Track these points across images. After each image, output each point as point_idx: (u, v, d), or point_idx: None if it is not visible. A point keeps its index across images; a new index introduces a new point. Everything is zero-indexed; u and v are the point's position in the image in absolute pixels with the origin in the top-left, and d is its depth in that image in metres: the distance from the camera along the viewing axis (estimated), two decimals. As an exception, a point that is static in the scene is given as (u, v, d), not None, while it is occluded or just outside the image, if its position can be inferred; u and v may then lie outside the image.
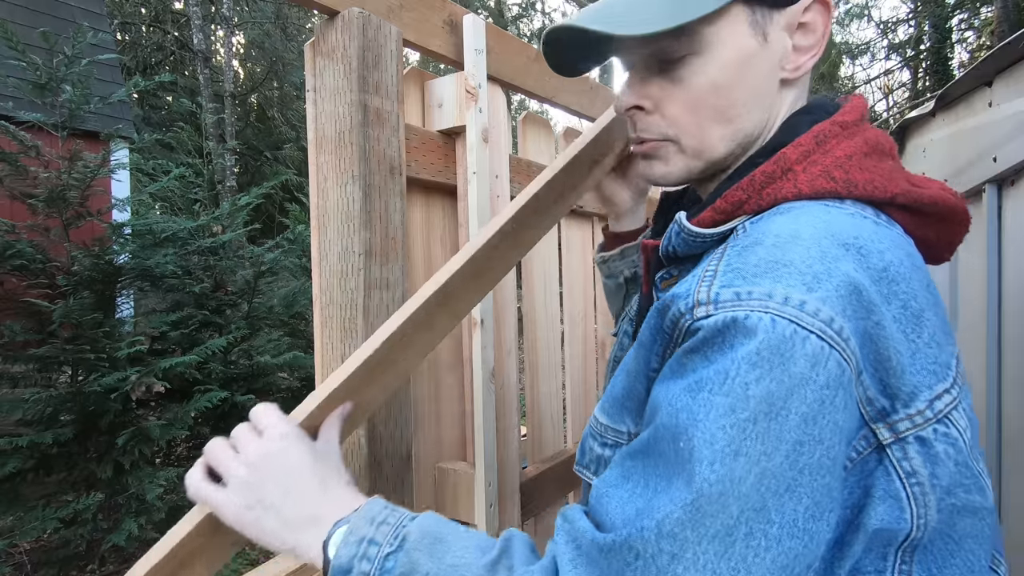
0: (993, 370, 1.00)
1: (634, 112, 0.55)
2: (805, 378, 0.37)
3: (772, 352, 0.37)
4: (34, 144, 2.81)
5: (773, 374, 0.36)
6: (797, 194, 0.46)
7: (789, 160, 0.47)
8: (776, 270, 0.39)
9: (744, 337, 0.37)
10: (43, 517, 2.48)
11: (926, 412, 0.41)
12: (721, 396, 0.37)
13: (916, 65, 13.71)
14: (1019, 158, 0.88)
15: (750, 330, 0.37)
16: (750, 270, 0.40)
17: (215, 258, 3.70)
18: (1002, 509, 0.97)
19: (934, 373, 0.42)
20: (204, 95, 8.70)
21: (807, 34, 0.51)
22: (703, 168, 0.53)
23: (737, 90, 0.50)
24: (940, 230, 0.51)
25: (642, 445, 0.42)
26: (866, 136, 0.49)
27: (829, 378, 0.37)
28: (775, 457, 0.36)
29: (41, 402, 2.56)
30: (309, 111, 0.82)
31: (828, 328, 0.37)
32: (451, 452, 1.01)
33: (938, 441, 0.41)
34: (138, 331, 3.27)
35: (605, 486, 0.43)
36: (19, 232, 2.77)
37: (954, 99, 1.25)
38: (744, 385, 0.37)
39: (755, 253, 0.41)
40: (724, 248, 0.45)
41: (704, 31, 0.49)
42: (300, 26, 12.16)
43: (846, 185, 0.46)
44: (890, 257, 0.42)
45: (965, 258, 1.21)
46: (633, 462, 0.42)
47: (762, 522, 0.36)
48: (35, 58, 2.89)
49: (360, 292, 0.76)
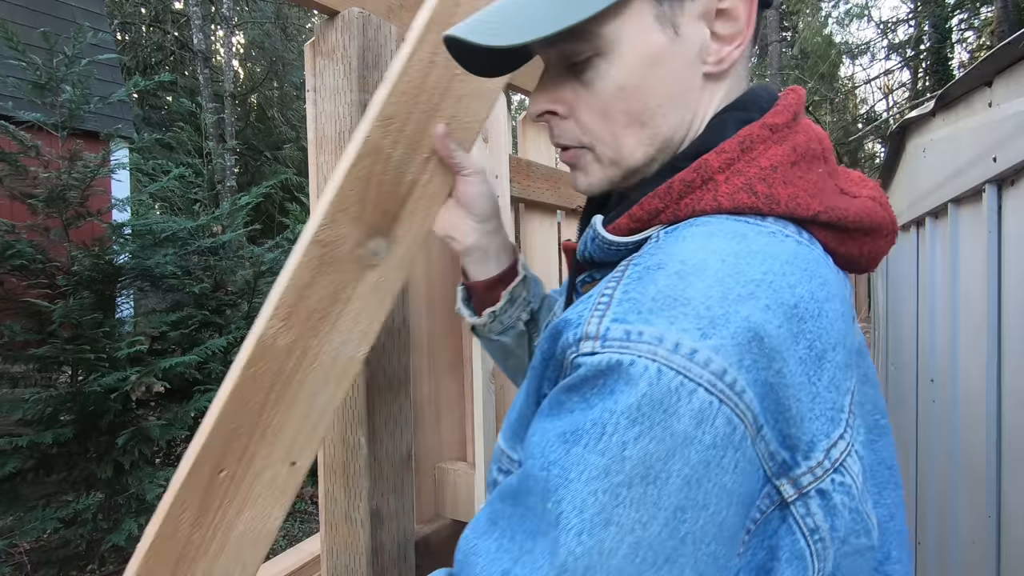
0: (993, 371, 1.00)
1: (548, 117, 0.51)
2: (689, 437, 0.33)
3: (654, 407, 0.33)
4: (34, 144, 2.81)
5: (653, 432, 0.33)
6: (717, 208, 0.42)
7: (711, 168, 0.43)
8: (672, 308, 0.35)
9: (626, 385, 0.34)
10: (43, 517, 2.48)
11: (824, 463, 0.37)
12: (595, 455, 0.33)
13: (916, 65, 13.71)
14: (1019, 158, 0.88)
15: (633, 379, 0.33)
16: (646, 304, 0.36)
17: (215, 258, 3.71)
18: (1002, 512, 0.97)
19: (831, 420, 0.38)
20: (204, 95, 8.71)
21: (728, 22, 0.45)
22: (623, 176, 0.50)
23: (648, 91, 0.46)
24: (864, 245, 0.47)
25: (512, 490, 0.38)
26: (795, 141, 0.45)
27: (716, 437, 0.33)
28: (651, 526, 0.32)
29: (41, 402, 2.56)
30: (309, 111, 0.82)
31: (719, 381, 0.33)
32: (451, 452, 1.01)
33: (835, 492, 0.38)
34: (138, 331, 3.28)
35: (474, 536, 0.39)
36: (19, 232, 2.77)
37: (954, 99, 1.25)
38: (621, 444, 0.33)
39: (655, 282, 0.37)
40: (628, 264, 0.41)
41: (603, 30, 0.44)
42: (300, 26, 12.16)
43: (767, 201, 0.42)
44: (801, 291, 0.38)
45: (965, 258, 1.21)
46: (503, 505, 0.39)
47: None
48: (35, 58, 2.90)
49: (360, 292, 0.76)
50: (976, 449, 1.06)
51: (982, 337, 1.03)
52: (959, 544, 1.18)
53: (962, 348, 1.20)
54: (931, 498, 1.42)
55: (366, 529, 0.76)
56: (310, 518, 3.51)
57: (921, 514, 1.55)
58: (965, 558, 1.13)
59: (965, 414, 1.17)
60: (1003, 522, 0.96)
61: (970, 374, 1.14)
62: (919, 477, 1.59)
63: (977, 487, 1.05)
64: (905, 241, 1.85)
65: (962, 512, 1.16)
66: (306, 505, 3.63)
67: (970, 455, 1.12)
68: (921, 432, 1.58)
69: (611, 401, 0.34)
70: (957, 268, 1.25)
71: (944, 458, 1.28)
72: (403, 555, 0.81)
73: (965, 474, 1.14)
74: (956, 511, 1.20)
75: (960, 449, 1.20)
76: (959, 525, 1.18)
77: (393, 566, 0.79)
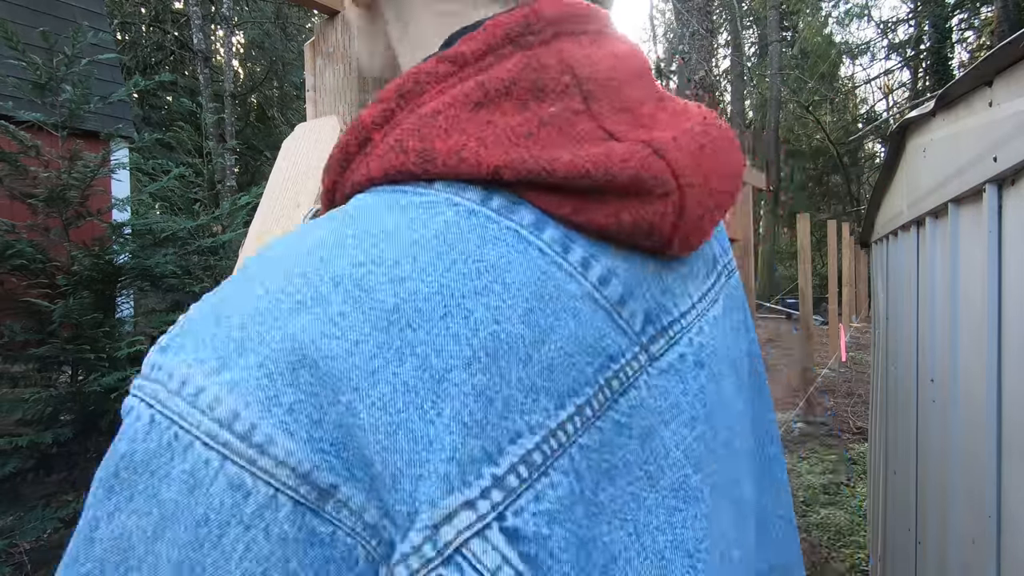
0: (993, 371, 1.00)
1: None
2: (179, 509, 0.23)
3: (137, 469, 0.24)
4: (34, 144, 2.82)
5: (134, 504, 0.24)
6: (368, 178, 0.30)
7: (365, 125, 0.31)
8: (204, 329, 0.25)
9: (119, 441, 0.25)
10: (43, 517, 2.48)
11: (423, 549, 0.24)
12: (75, 537, 0.25)
13: (916, 65, 13.71)
14: (1019, 158, 0.88)
15: (124, 434, 0.25)
16: (192, 323, 0.26)
17: (215, 258, 3.71)
18: (1002, 512, 0.97)
19: (445, 478, 0.24)
20: (204, 95, 8.71)
21: None
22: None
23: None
24: (620, 212, 0.29)
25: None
26: (491, 75, 0.30)
27: (210, 508, 0.23)
28: None
29: (41, 402, 2.57)
30: (309, 111, 0.82)
31: (223, 431, 0.23)
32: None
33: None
34: (138, 331, 3.28)
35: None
36: (19, 232, 2.77)
37: (954, 99, 1.25)
38: (93, 522, 0.24)
39: (217, 292, 0.27)
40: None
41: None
42: (300, 26, 12.17)
43: (420, 160, 0.28)
44: (415, 286, 0.26)
45: (965, 258, 1.21)
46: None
47: None
48: (35, 58, 2.90)
49: (360, 292, 0.76)
50: (976, 449, 1.06)
51: (982, 337, 1.03)
52: (959, 544, 1.18)
53: (962, 348, 1.20)
54: (931, 498, 1.42)
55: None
56: (310, 518, 3.51)
57: (921, 514, 1.55)
58: (965, 558, 1.13)
59: (965, 414, 1.16)
60: (1003, 522, 0.96)
61: (970, 374, 1.14)
62: (919, 477, 1.59)
63: (977, 487, 1.05)
64: (905, 241, 1.85)
65: (962, 512, 1.16)
66: (306, 505, 3.63)
67: (970, 455, 1.12)
68: (921, 432, 1.58)
69: (106, 464, 0.25)
70: (957, 268, 1.25)
71: (944, 458, 1.28)
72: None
73: (965, 474, 1.14)
74: (956, 511, 1.20)
75: (960, 449, 1.20)
76: (959, 525, 1.18)
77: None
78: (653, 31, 16.70)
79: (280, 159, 0.78)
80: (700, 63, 6.08)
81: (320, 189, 0.38)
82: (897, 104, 13.78)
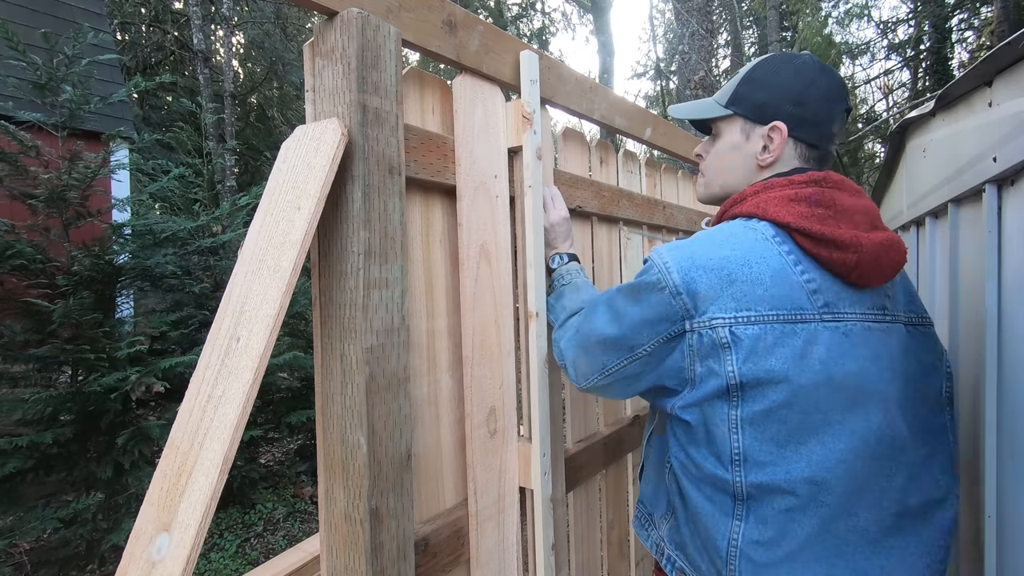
0: (993, 371, 1.00)
1: (697, 157, 1.02)
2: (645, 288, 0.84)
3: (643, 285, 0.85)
4: (34, 144, 2.81)
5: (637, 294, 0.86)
6: (741, 213, 0.84)
7: (746, 194, 0.86)
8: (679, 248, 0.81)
9: (643, 274, 0.85)
10: (43, 517, 2.48)
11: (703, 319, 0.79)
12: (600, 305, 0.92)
13: (916, 65, 13.70)
14: (1019, 158, 0.88)
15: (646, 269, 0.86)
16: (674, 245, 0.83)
17: (215, 258, 3.71)
18: (1002, 512, 0.97)
19: (723, 310, 0.78)
20: (204, 95, 8.71)
21: (770, 143, 0.88)
22: (707, 196, 1.00)
23: (726, 160, 0.95)
24: (832, 253, 0.77)
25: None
26: (801, 192, 0.80)
27: (649, 288, 0.83)
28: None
29: (41, 402, 2.56)
30: (308, 111, 0.82)
31: (667, 275, 0.81)
32: (451, 453, 1.01)
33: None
34: (138, 331, 3.27)
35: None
36: (19, 232, 2.77)
37: (954, 99, 1.25)
38: (615, 296, 0.90)
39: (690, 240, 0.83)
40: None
41: (718, 125, 0.96)
42: (300, 26, 12.16)
43: (760, 212, 0.81)
44: (733, 254, 0.78)
45: (965, 258, 1.21)
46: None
47: None
48: (35, 58, 2.90)
49: (359, 291, 0.76)
50: (976, 449, 1.06)
51: (982, 337, 1.03)
52: (959, 544, 1.18)
53: (962, 348, 1.20)
54: (931, 498, 1.41)
55: (365, 528, 0.76)
56: (310, 518, 3.51)
57: (921, 514, 1.55)
58: (965, 558, 1.13)
59: (965, 414, 1.16)
60: (1003, 522, 0.96)
61: (970, 374, 1.14)
62: (919, 477, 1.59)
63: (977, 487, 1.05)
64: (905, 241, 1.85)
65: (962, 512, 1.16)
66: (306, 505, 3.63)
67: (970, 455, 1.12)
68: (921, 432, 1.58)
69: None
70: (957, 268, 1.25)
71: (944, 458, 1.28)
72: (403, 554, 0.81)
73: (965, 474, 1.14)
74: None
75: (960, 449, 1.20)
76: (959, 525, 1.18)
77: (392, 565, 0.79)
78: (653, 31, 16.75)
79: (279, 161, 0.78)
80: (700, 63, 6.07)
81: (320, 193, 0.72)
82: (897, 104, 13.78)
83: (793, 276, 0.76)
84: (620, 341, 0.84)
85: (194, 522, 0.59)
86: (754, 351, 0.74)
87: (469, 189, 1.01)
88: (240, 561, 2.98)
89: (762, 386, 0.74)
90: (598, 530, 1.50)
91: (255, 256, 0.72)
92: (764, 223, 0.80)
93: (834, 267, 0.77)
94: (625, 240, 1.64)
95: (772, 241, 0.78)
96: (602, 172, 1.55)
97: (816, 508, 0.74)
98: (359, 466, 0.76)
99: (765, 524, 0.75)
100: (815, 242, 0.76)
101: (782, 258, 0.77)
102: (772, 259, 0.76)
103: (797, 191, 0.80)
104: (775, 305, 0.75)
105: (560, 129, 1.48)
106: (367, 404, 0.76)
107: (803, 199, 0.79)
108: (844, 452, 0.74)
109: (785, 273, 0.76)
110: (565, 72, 1.25)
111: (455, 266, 1.01)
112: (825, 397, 0.74)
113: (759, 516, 0.76)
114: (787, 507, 0.74)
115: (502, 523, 1.06)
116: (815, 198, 0.79)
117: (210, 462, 0.61)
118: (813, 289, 0.76)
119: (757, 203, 0.81)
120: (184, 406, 0.68)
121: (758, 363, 0.74)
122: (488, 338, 1.04)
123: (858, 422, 0.75)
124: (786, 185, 0.81)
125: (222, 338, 0.69)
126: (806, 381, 0.74)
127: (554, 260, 1.15)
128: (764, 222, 0.80)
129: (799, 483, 0.74)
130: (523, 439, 1.12)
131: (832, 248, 0.76)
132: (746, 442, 0.75)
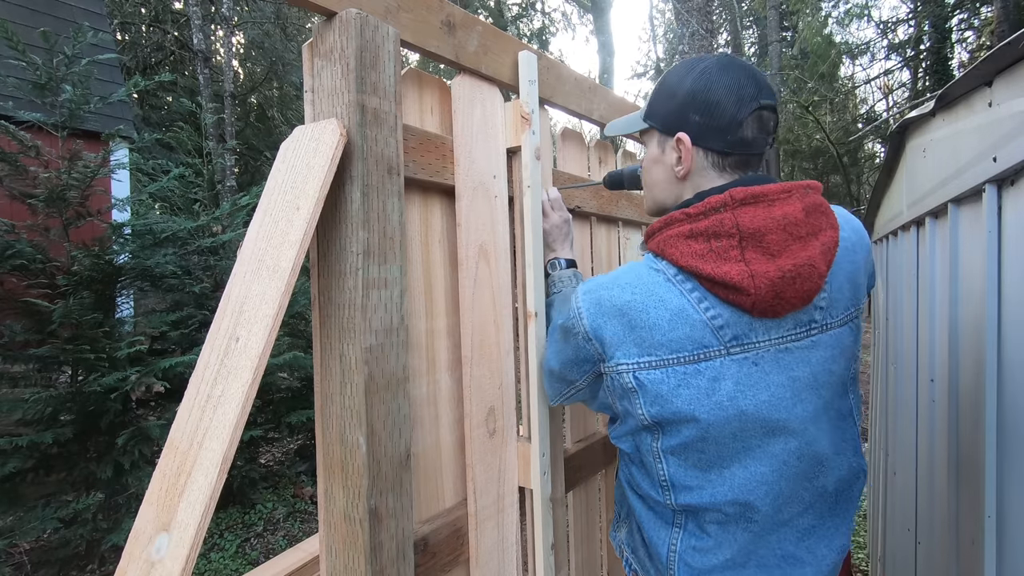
0: (993, 370, 0.99)
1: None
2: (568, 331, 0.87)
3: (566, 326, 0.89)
4: (34, 144, 2.81)
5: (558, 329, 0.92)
6: (651, 249, 0.82)
7: (654, 228, 0.82)
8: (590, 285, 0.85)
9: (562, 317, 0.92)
10: (43, 517, 2.48)
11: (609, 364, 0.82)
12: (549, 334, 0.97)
13: (916, 65, 13.70)
14: (1019, 158, 0.88)
15: (567, 312, 0.89)
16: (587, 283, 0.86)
17: (215, 258, 3.71)
18: (1002, 512, 0.97)
19: (626, 355, 0.79)
20: (204, 95, 8.71)
21: (680, 154, 0.84)
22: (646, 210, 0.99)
23: (651, 176, 0.93)
24: (728, 295, 0.74)
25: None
26: (697, 225, 0.76)
27: (571, 332, 0.87)
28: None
29: (41, 402, 2.56)
30: (307, 111, 0.82)
31: (580, 321, 0.84)
32: (450, 453, 1.01)
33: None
34: (138, 331, 3.27)
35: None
36: (19, 232, 2.77)
37: (954, 99, 1.25)
38: (553, 330, 0.96)
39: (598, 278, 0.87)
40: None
41: (644, 137, 0.94)
42: (300, 26, 12.16)
43: (661, 251, 0.80)
44: (634, 297, 0.78)
45: (965, 258, 1.21)
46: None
47: None
48: (35, 58, 2.90)
49: (358, 291, 0.76)
50: (976, 449, 1.06)
51: (982, 337, 1.03)
52: (959, 544, 1.18)
53: (962, 348, 1.20)
54: (931, 498, 1.41)
55: (365, 528, 0.76)
56: (310, 518, 3.51)
57: (921, 514, 1.55)
58: (965, 558, 1.13)
59: (965, 414, 1.16)
60: (1003, 522, 0.96)
61: (970, 374, 1.14)
62: (919, 477, 1.59)
63: (977, 487, 1.05)
64: (905, 241, 1.85)
65: (962, 512, 1.16)
66: (306, 505, 3.63)
67: (970, 455, 1.12)
68: (921, 432, 1.58)
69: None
70: (957, 268, 1.25)
71: (944, 458, 1.28)
72: (402, 554, 0.81)
73: (965, 474, 1.14)
74: (956, 511, 1.19)
75: (960, 449, 1.20)
76: (959, 525, 1.18)
77: (392, 565, 0.79)
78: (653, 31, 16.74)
79: (278, 161, 0.78)
80: (700, 63, 6.04)
81: (319, 193, 0.72)
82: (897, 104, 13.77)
83: (695, 315, 0.75)
84: (561, 375, 0.92)
85: (193, 522, 0.59)
86: (659, 395, 0.77)
87: (468, 189, 1.01)
88: (240, 561, 2.98)
89: (674, 423, 0.78)
90: (597, 530, 1.50)
91: (254, 256, 0.72)
92: (665, 262, 0.79)
93: (733, 305, 0.75)
94: (624, 240, 1.64)
95: (674, 281, 0.77)
96: (601, 172, 1.55)
97: (746, 524, 0.81)
98: (358, 466, 0.76)
99: (703, 532, 0.82)
100: (711, 283, 0.74)
101: (683, 297, 0.76)
102: (672, 301, 0.76)
103: (692, 226, 0.76)
104: (675, 348, 0.75)
105: (560, 129, 1.44)
106: (366, 404, 0.75)
107: (699, 234, 0.75)
108: (766, 474, 0.79)
109: (686, 314, 0.75)
110: (564, 72, 1.25)
111: (454, 266, 1.01)
112: (739, 428, 0.77)
113: (697, 525, 0.83)
114: (720, 521, 0.81)
115: (501, 523, 1.06)
116: (712, 230, 0.74)
117: (209, 462, 0.61)
118: (719, 325, 0.75)
119: (658, 242, 0.79)
120: (183, 406, 0.68)
121: (664, 406, 0.77)
122: (487, 338, 1.04)
123: (777, 445, 0.79)
124: (683, 220, 0.77)
125: (221, 338, 0.69)
126: (715, 418, 0.76)
127: (551, 265, 1.15)
128: (665, 261, 0.79)
129: (725, 504, 0.79)
130: (522, 439, 1.12)
131: (727, 290, 0.73)
132: (671, 469, 0.81)
